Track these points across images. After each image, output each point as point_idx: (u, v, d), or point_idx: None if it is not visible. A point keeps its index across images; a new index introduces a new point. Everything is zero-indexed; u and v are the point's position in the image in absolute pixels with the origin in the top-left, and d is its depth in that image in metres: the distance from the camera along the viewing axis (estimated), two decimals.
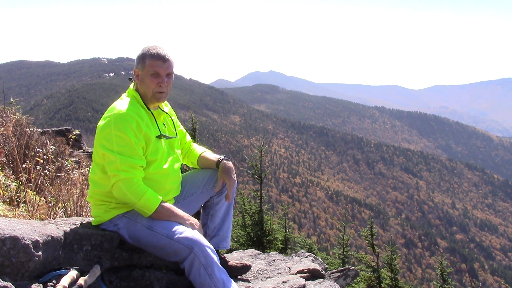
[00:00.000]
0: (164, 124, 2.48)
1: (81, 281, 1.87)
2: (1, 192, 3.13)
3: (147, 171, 2.29)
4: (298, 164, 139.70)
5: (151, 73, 2.27)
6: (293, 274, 2.92)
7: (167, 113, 2.53)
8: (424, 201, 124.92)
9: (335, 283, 2.98)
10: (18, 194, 3.20)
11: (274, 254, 3.40)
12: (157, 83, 2.28)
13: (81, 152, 6.98)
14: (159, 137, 2.35)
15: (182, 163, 2.69)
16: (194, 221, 2.32)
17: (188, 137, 2.80)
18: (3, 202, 3.06)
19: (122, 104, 2.27)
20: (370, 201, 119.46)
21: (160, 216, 2.23)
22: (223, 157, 2.64)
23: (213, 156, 2.69)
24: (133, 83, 2.41)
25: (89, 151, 7.25)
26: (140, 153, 2.22)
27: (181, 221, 2.25)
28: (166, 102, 2.60)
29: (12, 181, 3.42)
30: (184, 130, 2.77)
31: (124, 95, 2.38)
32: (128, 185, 2.15)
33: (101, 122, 2.22)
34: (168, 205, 2.29)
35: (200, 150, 2.76)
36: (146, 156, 2.28)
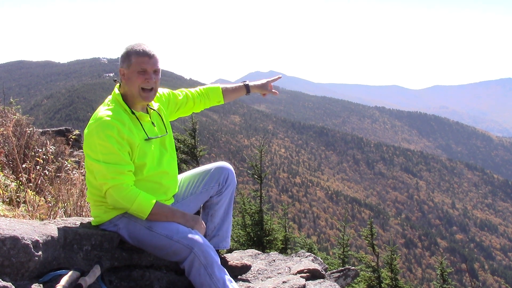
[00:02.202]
0: (152, 123, 2.42)
1: (81, 281, 1.87)
2: (1, 192, 3.14)
3: (141, 175, 2.28)
4: (298, 164, 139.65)
5: (138, 70, 2.23)
6: (293, 274, 2.91)
7: (155, 110, 2.47)
8: (424, 201, 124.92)
9: (335, 283, 2.98)
10: (18, 194, 3.20)
11: (274, 254, 3.40)
12: (144, 79, 2.23)
13: (81, 152, 6.98)
14: (147, 140, 2.31)
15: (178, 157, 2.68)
16: (196, 218, 2.32)
17: (181, 94, 2.72)
18: (3, 202, 3.06)
19: (103, 110, 2.23)
20: (370, 201, 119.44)
21: (157, 218, 2.22)
22: (246, 82, 2.91)
23: (234, 85, 2.91)
24: (117, 85, 2.36)
25: None
26: (127, 158, 2.18)
27: (180, 221, 2.25)
28: (159, 99, 2.58)
29: (12, 181, 3.42)
30: (176, 92, 2.71)
31: (107, 99, 2.34)
32: (119, 192, 2.14)
33: (86, 130, 2.21)
34: (165, 205, 2.28)
35: (215, 86, 2.87)
36: (134, 161, 2.24)
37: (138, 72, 2.23)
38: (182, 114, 2.80)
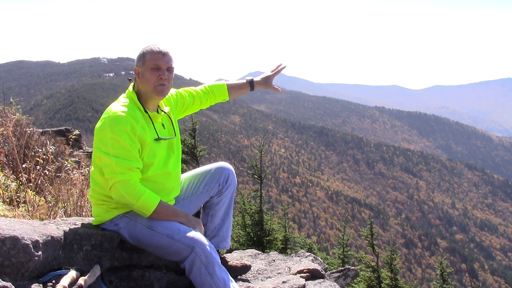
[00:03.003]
0: (163, 125, 2.45)
1: (81, 281, 1.87)
2: (1, 192, 3.14)
3: (147, 173, 2.29)
4: (298, 164, 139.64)
5: (151, 67, 2.27)
6: (293, 274, 2.91)
7: (166, 113, 2.50)
8: (424, 201, 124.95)
9: (335, 283, 2.98)
10: (18, 194, 3.20)
11: (274, 254, 3.40)
12: (157, 76, 2.27)
13: (81, 152, 6.98)
14: (157, 140, 2.34)
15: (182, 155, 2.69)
16: (195, 220, 2.32)
17: (187, 94, 2.76)
18: (3, 202, 3.06)
19: (117, 106, 2.25)
20: (370, 201, 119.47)
21: (159, 216, 2.22)
22: (250, 78, 2.95)
23: (239, 82, 2.95)
24: (132, 84, 2.39)
25: (89, 151, 7.25)
26: (136, 155, 2.20)
27: (182, 221, 2.25)
28: (168, 101, 2.60)
29: (12, 181, 3.43)
30: (182, 92, 2.75)
31: (122, 96, 2.36)
32: (126, 187, 2.14)
33: (97, 124, 2.22)
34: (168, 205, 2.29)
35: (220, 84, 2.92)
36: (143, 159, 2.26)
37: (151, 69, 2.27)
38: (189, 113, 2.85)
